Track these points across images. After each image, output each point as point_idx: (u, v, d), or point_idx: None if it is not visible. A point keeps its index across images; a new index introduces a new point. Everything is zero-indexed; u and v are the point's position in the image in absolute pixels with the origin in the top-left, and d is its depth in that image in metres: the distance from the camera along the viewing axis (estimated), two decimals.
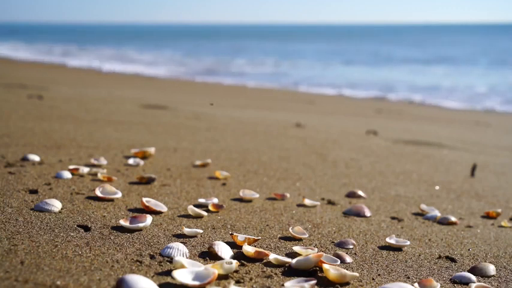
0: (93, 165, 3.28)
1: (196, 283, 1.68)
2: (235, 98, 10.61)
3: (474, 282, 1.97)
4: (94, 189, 2.67)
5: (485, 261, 2.26)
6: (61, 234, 2.06)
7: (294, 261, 1.95)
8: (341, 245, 2.28)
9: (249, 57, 29.03)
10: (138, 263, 1.86)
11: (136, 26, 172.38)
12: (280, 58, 28.21)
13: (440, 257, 2.25)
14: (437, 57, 29.27)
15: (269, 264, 1.97)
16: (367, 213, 2.79)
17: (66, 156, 3.47)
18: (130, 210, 2.48)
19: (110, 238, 2.08)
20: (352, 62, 25.67)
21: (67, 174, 2.93)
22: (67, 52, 29.87)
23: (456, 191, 3.57)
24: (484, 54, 31.07)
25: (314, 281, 1.79)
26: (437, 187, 3.63)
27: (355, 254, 2.21)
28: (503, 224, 2.85)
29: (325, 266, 1.89)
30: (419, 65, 24.21)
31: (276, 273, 1.89)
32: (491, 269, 2.13)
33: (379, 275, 2.01)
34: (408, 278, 2.01)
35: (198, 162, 3.59)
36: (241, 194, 2.88)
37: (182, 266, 1.79)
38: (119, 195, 2.63)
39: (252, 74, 20.20)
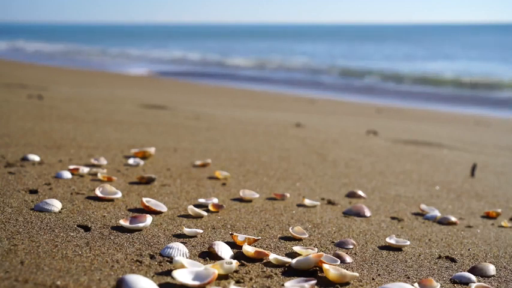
0: (93, 165, 3.28)
1: (196, 283, 1.68)
2: (235, 98, 10.60)
3: (474, 282, 1.97)
4: (94, 189, 2.67)
5: (485, 261, 2.26)
6: (61, 234, 2.06)
7: (294, 261, 1.95)
8: (341, 245, 2.28)
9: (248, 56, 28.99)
10: (138, 263, 1.86)
11: (137, 26, 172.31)
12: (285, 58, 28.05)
13: (440, 257, 2.26)
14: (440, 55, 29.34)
15: (269, 264, 1.97)
16: (367, 213, 2.79)
17: (66, 156, 3.47)
18: (130, 210, 2.48)
19: (110, 238, 2.08)
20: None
21: (67, 174, 2.93)
22: None
23: (456, 191, 3.57)
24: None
25: (314, 281, 1.79)
26: (437, 187, 3.63)
27: (355, 254, 2.21)
28: (503, 224, 2.85)
29: (325, 266, 1.89)
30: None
31: (276, 273, 1.89)
32: (491, 269, 2.13)
33: (379, 275, 2.01)
34: (408, 278, 2.01)
35: (198, 162, 3.59)
36: (241, 194, 2.88)
37: (182, 266, 1.79)
38: (119, 195, 2.63)
39: (253, 74, 20.21)
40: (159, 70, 20.24)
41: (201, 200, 2.70)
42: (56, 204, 2.36)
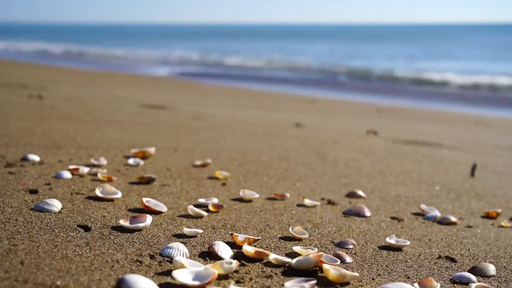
0: (93, 165, 3.28)
1: (196, 283, 1.68)
2: (235, 98, 10.60)
3: (474, 282, 1.97)
4: (94, 189, 2.67)
5: (485, 261, 2.26)
6: (61, 234, 2.06)
7: (294, 261, 1.95)
8: (341, 245, 2.28)
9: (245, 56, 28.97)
10: (138, 263, 1.86)
11: (137, 26, 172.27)
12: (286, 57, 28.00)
13: (440, 257, 2.26)
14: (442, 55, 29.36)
15: (269, 264, 1.97)
16: (367, 213, 2.79)
17: (66, 156, 3.47)
18: (130, 210, 2.48)
19: (110, 238, 2.08)
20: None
21: (67, 174, 2.93)
22: None
23: (456, 191, 3.57)
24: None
25: (314, 281, 1.79)
26: (437, 187, 3.63)
27: (355, 254, 2.21)
28: (503, 224, 2.85)
29: (325, 266, 1.89)
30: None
31: (276, 273, 1.89)
32: (491, 269, 2.13)
33: (379, 275, 2.01)
34: (408, 278, 2.01)
35: (198, 162, 3.59)
36: (241, 194, 2.88)
37: (182, 266, 1.79)
38: (119, 195, 2.63)
39: (252, 75, 20.21)
40: (176, 72, 20.17)
41: (201, 200, 2.70)
42: (56, 204, 2.36)
